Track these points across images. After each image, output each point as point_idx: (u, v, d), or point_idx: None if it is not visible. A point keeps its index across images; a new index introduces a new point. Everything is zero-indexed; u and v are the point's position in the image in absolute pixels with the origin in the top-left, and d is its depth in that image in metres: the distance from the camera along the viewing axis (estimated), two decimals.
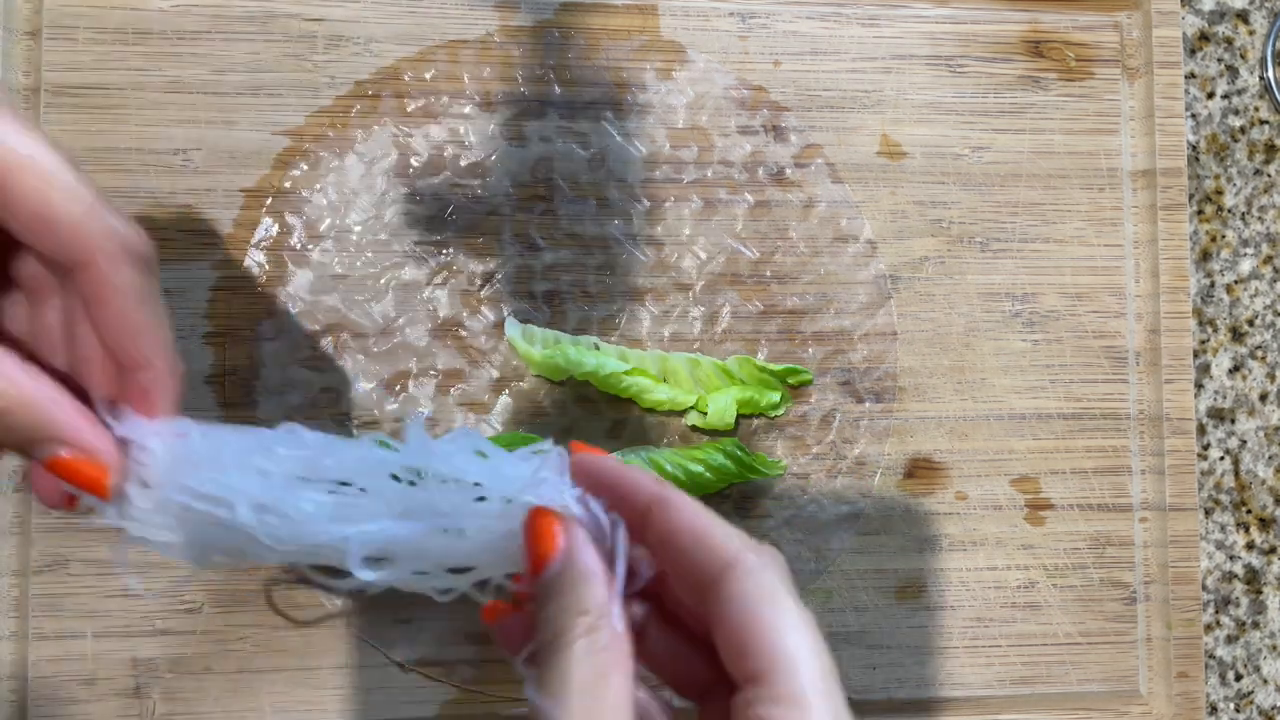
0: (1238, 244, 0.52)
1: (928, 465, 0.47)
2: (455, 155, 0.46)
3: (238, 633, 0.43)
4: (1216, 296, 0.51)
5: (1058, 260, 0.49)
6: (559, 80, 0.47)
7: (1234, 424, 0.51)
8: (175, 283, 0.44)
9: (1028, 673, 0.47)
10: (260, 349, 0.44)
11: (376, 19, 0.46)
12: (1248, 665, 0.50)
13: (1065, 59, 0.49)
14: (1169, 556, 0.48)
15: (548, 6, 0.47)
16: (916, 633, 0.47)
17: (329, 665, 0.44)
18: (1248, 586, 0.51)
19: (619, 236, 0.46)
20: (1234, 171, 0.52)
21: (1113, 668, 0.48)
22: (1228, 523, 0.51)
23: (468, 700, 0.44)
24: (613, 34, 0.47)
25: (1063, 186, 0.49)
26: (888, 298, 0.48)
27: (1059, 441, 0.48)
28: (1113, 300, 0.49)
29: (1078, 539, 0.48)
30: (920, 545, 0.47)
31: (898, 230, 0.48)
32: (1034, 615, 0.47)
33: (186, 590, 0.43)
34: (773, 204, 0.47)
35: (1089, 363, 0.49)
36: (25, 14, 0.44)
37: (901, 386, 0.47)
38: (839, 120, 0.48)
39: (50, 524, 0.43)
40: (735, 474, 0.44)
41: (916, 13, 0.49)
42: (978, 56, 0.49)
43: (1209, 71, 0.52)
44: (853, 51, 0.48)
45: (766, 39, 0.48)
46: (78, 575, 0.43)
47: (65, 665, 0.43)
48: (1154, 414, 0.48)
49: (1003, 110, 0.49)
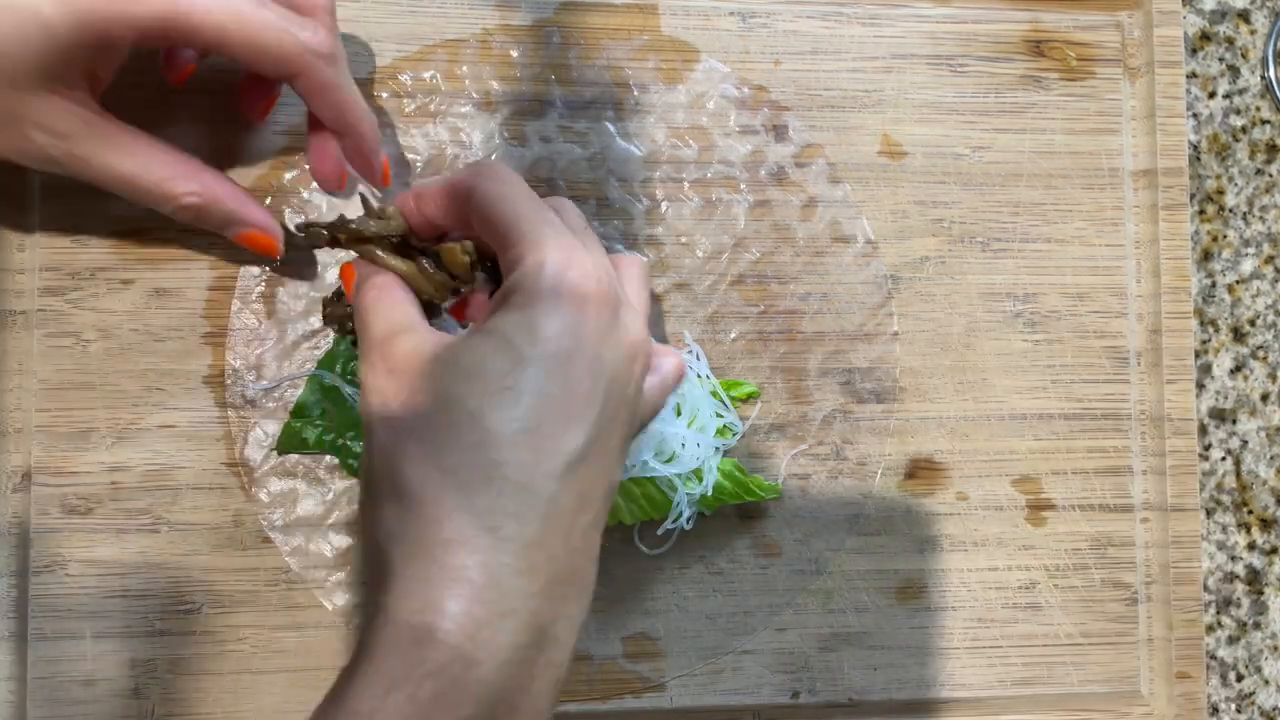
0: (1239, 244, 0.52)
1: (929, 466, 0.47)
2: (455, 155, 0.46)
3: (237, 633, 0.43)
4: (1218, 296, 0.51)
5: (1059, 260, 0.49)
6: (559, 80, 0.47)
7: (1235, 424, 0.51)
8: (175, 283, 0.44)
9: (1028, 673, 0.47)
10: (260, 348, 0.44)
11: (376, 18, 0.46)
12: (1249, 666, 0.50)
13: (1066, 59, 0.49)
14: (1170, 557, 0.48)
15: (548, 6, 0.47)
16: (917, 633, 0.47)
17: (329, 665, 0.44)
18: (1249, 587, 0.51)
19: (619, 236, 0.46)
20: (1235, 171, 0.52)
21: (1114, 668, 0.48)
22: (1229, 523, 0.51)
23: None
24: (613, 33, 0.47)
25: (1064, 186, 0.49)
26: (888, 298, 0.48)
27: (1060, 442, 0.48)
28: (1114, 300, 0.49)
29: (1079, 539, 0.48)
30: (921, 546, 0.47)
31: (898, 230, 0.48)
32: (1035, 616, 0.47)
33: (186, 590, 0.43)
34: (773, 204, 0.47)
35: (1090, 363, 0.48)
36: None
37: (902, 387, 0.47)
38: (839, 120, 0.48)
39: (50, 524, 0.43)
40: (731, 494, 0.44)
41: (917, 12, 0.49)
42: (979, 56, 0.49)
43: (1210, 71, 0.52)
44: (853, 51, 0.48)
45: (767, 38, 0.48)
46: (77, 576, 0.43)
47: (65, 666, 0.43)
48: (1155, 414, 0.48)
49: (1004, 110, 0.49)
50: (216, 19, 0.35)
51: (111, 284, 0.44)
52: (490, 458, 0.31)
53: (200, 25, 0.35)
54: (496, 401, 0.31)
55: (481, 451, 0.31)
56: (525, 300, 0.32)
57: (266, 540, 0.44)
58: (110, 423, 0.43)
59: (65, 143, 0.37)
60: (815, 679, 0.46)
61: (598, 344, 0.33)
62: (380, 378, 0.33)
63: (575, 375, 0.32)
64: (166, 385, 0.44)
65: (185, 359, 0.44)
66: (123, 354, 0.44)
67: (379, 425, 0.33)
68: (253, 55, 0.36)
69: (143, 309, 0.44)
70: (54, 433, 0.43)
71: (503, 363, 0.32)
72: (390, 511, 0.32)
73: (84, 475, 0.43)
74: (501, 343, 0.32)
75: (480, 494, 0.31)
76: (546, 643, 0.31)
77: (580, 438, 0.32)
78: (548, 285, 0.32)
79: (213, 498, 0.44)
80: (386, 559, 0.31)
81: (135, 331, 0.44)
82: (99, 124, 0.37)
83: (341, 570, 0.44)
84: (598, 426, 0.32)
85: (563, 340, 0.32)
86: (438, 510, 0.31)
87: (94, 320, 0.44)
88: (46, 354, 0.43)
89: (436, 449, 0.31)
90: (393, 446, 0.32)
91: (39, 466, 0.43)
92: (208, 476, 0.44)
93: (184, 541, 0.43)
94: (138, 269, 0.44)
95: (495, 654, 0.30)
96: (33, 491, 0.43)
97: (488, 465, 0.31)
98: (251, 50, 0.36)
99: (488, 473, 0.31)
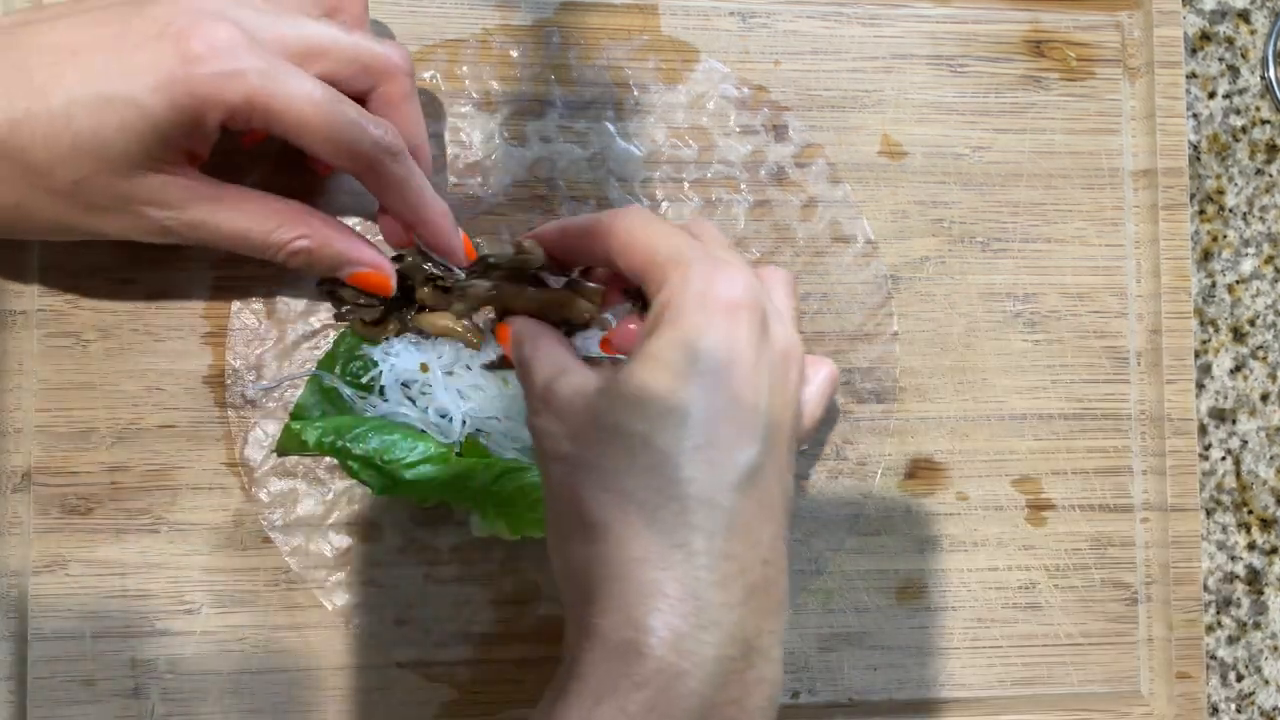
0: (1239, 244, 0.52)
1: (929, 465, 0.47)
2: (455, 155, 0.46)
3: (237, 633, 0.43)
4: (1218, 296, 0.51)
5: (1059, 260, 0.49)
6: (559, 80, 0.47)
7: (1235, 424, 0.51)
8: (175, 283, 0.44)
9: (1028, 673, 0.47)
10: (260, 348, 0.44)
11: (376, 18, 0.46)
12: (1249, 666, 0.50)
13: (1066, 59, 0.49)
14: (1170, 557, 0.48)
15: (548, 6, 0.47)
16: (917, 633, 0.47)
17: (329, 665, 0.44)
18: (1249, 587, 0.51)
19: None
20: (1235, 171, 0.52)
21: (1114, 668, 0.48)
22: (1229, 523, 0.51)
23: (467, 700, 0.44)
24: (613, 33, 0.47)
25: (1064, 186, 0.49)
26: (888, 298, 0.48)
27: (1060, 442, 0.48)
28: (1114, 300, 0.49)
29: (1079, 539, 0.48)
30: (921, 546, 0.47)
31: (898, 230, 0.48)
32: (1035, 616, 0.47)
33: (186, 590, 0.43)
34: (773, 204, 0.47)
35: (1090, 363, 0.48)
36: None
37: (902, 387, 0.47)
38: (839, 120, 0.48)
39: (50, 524, 0.43)
40: None
41: (917, 12, 0.49)
42: (979, 56, 0.49)
43: (1210, 71, 0.52)
44: (853, 51, 0.48)
45: (767, 38, 0.48)
46: (77, 575, 0.43)
47: (65, 666, 0.43)
48: (1155, 414, 0.48)
49: (1004, 110, 0.49)
50: (299, 108, 0.36)
51: (111, 284, 0.44)
52: (667, 477, 0.31)
53: (283, 112, 0.36)
54: (664, 423, 0.32)
55: (658, 472, 0.31)
56: (676, 318, 0.33)
57: (266, 540, 0.44)
58: (110, 423, 0.43)
59: (177, 213, 0.38)
60: (815, 679, 0.46)
61: (754, 353, 0.33)
62: (548, 421, 0.35)
63: (737, 386, 0.32)
64: (166, 385, 0.44)
65: (185, 359, 0.44)
66: (123, 354, 0.44)
67: (555, 465, 0.34)
68: (328, 148, 0.37)
69: (143, 309, 0.44)
70: (54, 433, 0.43)
71: (664, 384, 0.32)
72: (579, 542, 0.32)
73: (84, 475, 0.43)
74: (659, 365, 0.32)
75: (663, 512, 0.31)
76: (754, 655, 0.32)
77: (753, 447, 0.32)
78: (696, 300, 0.33)
79: (213, 498, 0.44)
80: (583, 583, 0.32)
81: (135, 331, 0.44)
82: (204, 189, 0.38)
83: (341, 570, 0.44)
84: (767, 434, 0.33)
85: (719, 352, 0.32)
86: (624, 531, 0.31)
87: (94, 320, 0.44)
88: (46, 354, 0.43)
89: (614, 476, 0.32)
90: (571, 481, 0.33)
91: (39, 466, 0.43)
92: (208, 476, 0.44)
93: (184, 541, 0.43)
94: (138, 269, 0.44)
95: (701, 665, 0.30)
96: (33, 491, 0.43)
97: (666, 484, 0.31)
98: (327, 143, 0.37)
99: (667, 491, 0.31)
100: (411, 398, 0.42)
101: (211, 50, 0.35)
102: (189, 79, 0.35)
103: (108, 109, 0.35)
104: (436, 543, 0.45)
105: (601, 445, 0.32)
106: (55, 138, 0.35)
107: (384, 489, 0.41)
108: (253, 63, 0.35)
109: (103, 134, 0.35)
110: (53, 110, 0.35)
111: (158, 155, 0.36)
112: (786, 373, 0.34)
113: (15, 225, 0.38)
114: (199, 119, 0.36)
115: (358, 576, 0.44)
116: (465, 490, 0.41)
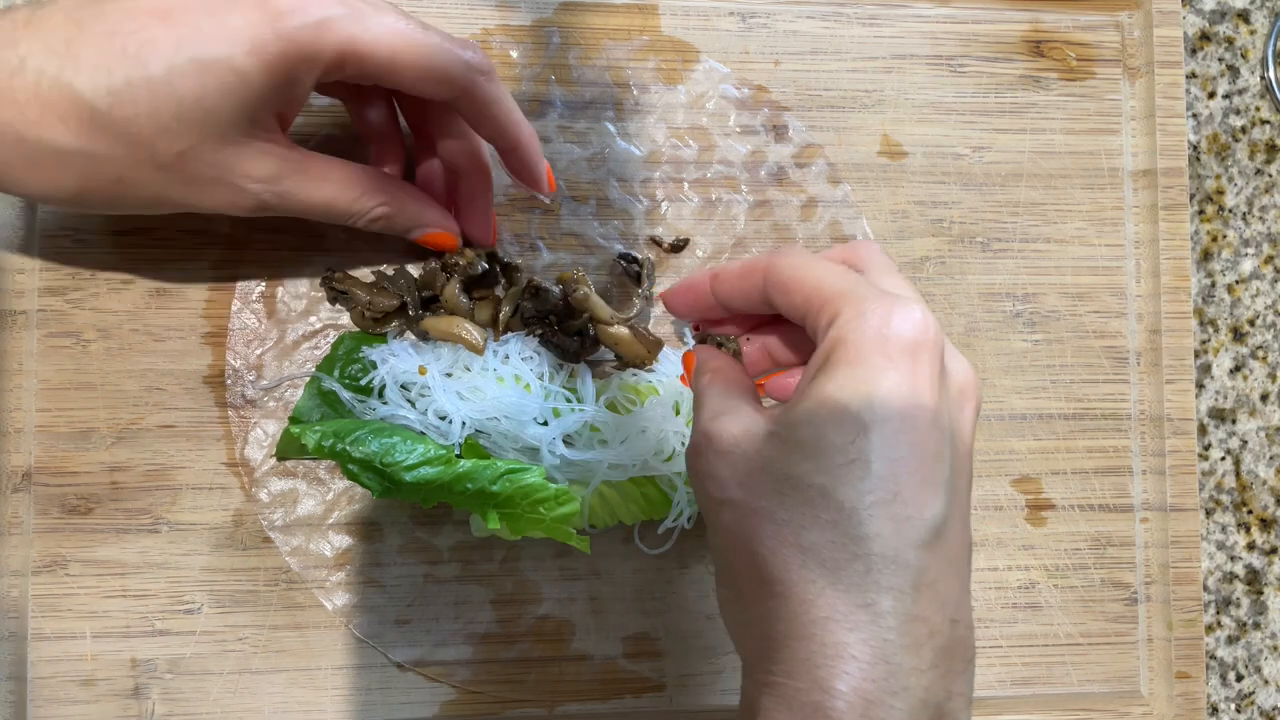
0: (1239, 244, 0.52)
1: None
2: None
3: (237, 633, 0.43)
4: (1217, 296, 0.51)
5: (1058, 260, 0.49)
6: (559, 80, 0.47)
7: (1235, 424, 0.51)
8: (175, 283, 0.44)
9: (1028, 673, 0.47)
10: (260, 348, 0.44)
11: None
12: (1249, 666, 0.50)
13: (1066, 59, 0.49)
14: (1170, 557, 0.48)
15: (548, 6, 0.47)
16: None
17: (329, 665, 0.44)
18: (1248, 587, 0.51)
19: (619, 237, 0.46)
20: (1235, 171, 0.52)
21: (1113, 668, 0.48)
22: (1228, 523, 0.51)
23: (467, 700, 0.44)
24: (613, 34, 0.47)
25: (1064, 186, 0.49)
26: None
27: (1060, 442, 0.48)
28: (1114, 300, 0.49)
29: (1079, 539, 0.48)
30: None
31: (898, 230, 0.48)
32: (1035, 616, 0.47)
33: (186, 590, 0.43)
34: (773, 204, 0.47)
35: (1090, 363, 0.48)
36: None
37: None
38: (839, 120, 0.48)
39: (50, 524, 0.43)
40: None
41: (917, 12, 0.49)
42: (979, 56, 0.49)
43: (1210, 71, 0.52)
44: (853, 51, 0.48)
45: (767, 39, 0.48)
46: (77, 575, 0.43)
47: (65, 666, 0.43)
48: (1155, 414, 0.48)
49: (1004, 110, 0.49)
50: (388, 43, 0.36)
51: (111, 284, 0.44)
52: (850, 533, 0.29)
53: (373, 51, 0.36)
54: (845, 475, 0.30)
55: (840, 528, 0.29)
56: (852, 357, 0.30)
57: (266, 540, 0.44)
58: (110, 423, 0.43)
59: (273, 184, 0.38)
60: None
61: (936, 395, 0.31)
62: (711, 460, 0.33)
63: (921, 434, 0.30)
64: (166, 385, 0.44)
65: (185, 359, 0.44)
66: (123, 354, 0.44)
67: (723, 510, 0.32)
68: (422, 77, 0.37)
69: (143, 309, 0.44)
70: (54, 433, 0.43)
71: (844, 433, 0.30)
72: (757, 595, 0.31)
73: (84, 475, 0.43)
74: (837, 410, 0.30)
75: (847, 570, 0.29)
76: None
77: (940, 502, 0.30)
78: (875, 339, 0.30)
79: (213, 498, 0.44)
80: (762, 637, 0.30)
81: (135, 331, 0.44)
82: (296, 159, 0.39)
83: (341, 570, 0.44)
84: (951, 485, 0.31)
85: (902, 398, 0.30)
86: (806, 590, 0.29)
87: (94, 320, 0.44)
88: (46, 354, 0.43)
89: (793, 530, 0.30)
90: (745, 531, 0.31)
91: (39, 466, 0.43)
92: (208, 476, 0.44)
93: (184, 541, 0.43)
94: (138, 269, 0.44)
95: None
96: (33, 491, 0.43)
97: (849, 541, 0.29)
98: (421, 72, 0.37)
99: (851, 549, 0.29)
100: (411, 400, 0.42)
101: (295, 2, 0.35)
102: (279, 35, 0.35)
103: (209, 74, 0.34)
104: (436, 543, 0.45)
105: (778, 495, 0.31)
106: (158, 107, 0.34)
107: (384, 492, 0.41)
108: (335, 9, 0.35)
109: (207, 101, 0.35)
110: (153, 78, 0.34)
111: (258, 120, 0.36)
112: (963, 410, 0.33)
113: (115, 201, 0.38)
114: (294, 75, 0.36)
115: (358, 576, 0.44)
116: (465, 492, 0.41)
